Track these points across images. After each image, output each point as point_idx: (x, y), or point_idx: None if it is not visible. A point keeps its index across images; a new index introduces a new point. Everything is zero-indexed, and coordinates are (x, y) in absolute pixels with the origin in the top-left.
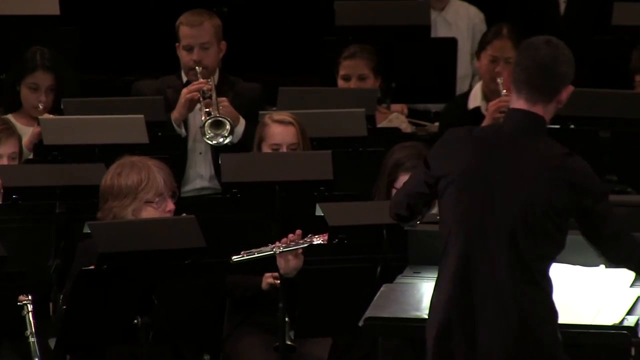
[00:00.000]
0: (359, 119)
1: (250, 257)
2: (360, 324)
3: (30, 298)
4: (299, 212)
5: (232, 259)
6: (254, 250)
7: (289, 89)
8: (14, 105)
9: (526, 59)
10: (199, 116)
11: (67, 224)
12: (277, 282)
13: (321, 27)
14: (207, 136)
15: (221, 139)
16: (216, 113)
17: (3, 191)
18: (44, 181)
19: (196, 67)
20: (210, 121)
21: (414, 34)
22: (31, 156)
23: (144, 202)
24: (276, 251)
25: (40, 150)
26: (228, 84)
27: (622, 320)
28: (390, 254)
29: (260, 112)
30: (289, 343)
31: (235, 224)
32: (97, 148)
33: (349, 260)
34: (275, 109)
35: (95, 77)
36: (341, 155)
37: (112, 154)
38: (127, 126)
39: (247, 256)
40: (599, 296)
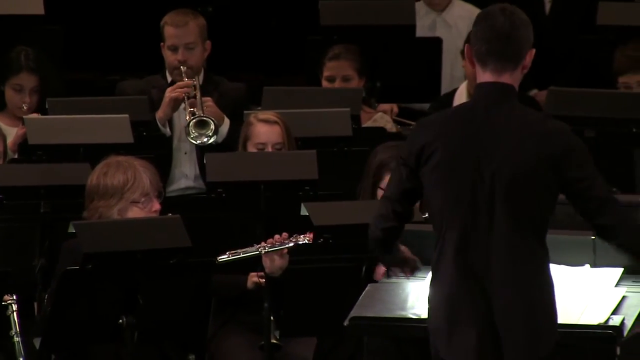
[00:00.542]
0: (343, 118)
1: (235, 257)
2: (346, 323)
3: (14, 298)
4: (284, 211)
5: (217, 259)
6: (240, 251)
7: (273, 89)
8: None
9: (485, 31)
10: (183, 116)
11: (51, 223)
12: (262, 281)
13: (306, 26)
14: (192, 136)
15: (205, 139)
16: (200, 113)
17: None
18: (28, 181)
19: (181, 67)
20: (194, 121)
21: (399, 34)
22: (16, 156)
23: (130, 202)
24: (261, 251)
25: (25, 150)
26: (213, 83)
27: (608, 319)
28: (374, 254)
29: (245, 112)
30: (274, 342)
31: (221, 223)
32: (81, 148)
33: (334, 260)
34: (260, 108)
35: (80, 77)
36: (326, 155)
37: (96, 154)
38: (111, 126)
39: (232, 256)
40: (584, 296)
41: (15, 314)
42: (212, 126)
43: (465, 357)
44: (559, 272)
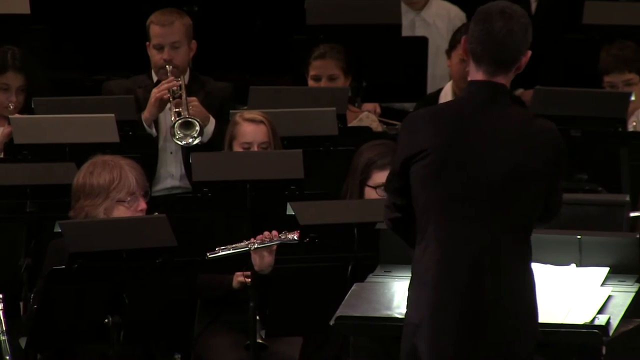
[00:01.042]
0: (329, 118)
1: (225, 253)
2: (332, 322)
3: (0, 297)
4: (269, 211)
5: (207, 255)
6: (229, 247)
7: (259, 88)
8: None
9: (481, 33)
10: (169, 116)
11: (37, 223)
12: (248, 280)
13: (292, 26)
14: (177, 137)
15: (191, 140)
16: (186, 113)
17: None
18: (14, 180)
19: (166, 67)
20: (179, 122)
21: (385, 33)
22: (2, 155)
23: (116, 202)
24: (251, 247)
25: (11, 150)
26: (199, 83)
27: (593, 319)
28: (361, 253)
29: (231, 111)
30: (260, 341)
31: (206, 222)
32: (67, 147)
33: (320, 259)
34: (246, 108)
35: (66, 77)
36: (312, 154)
37: (82, 153)
38: (97, 125)
39: (222, 252)
40: (570, 295)
41: (1, 313)
42: (198, 127)
43: (444, 354)
44: (544, 272)
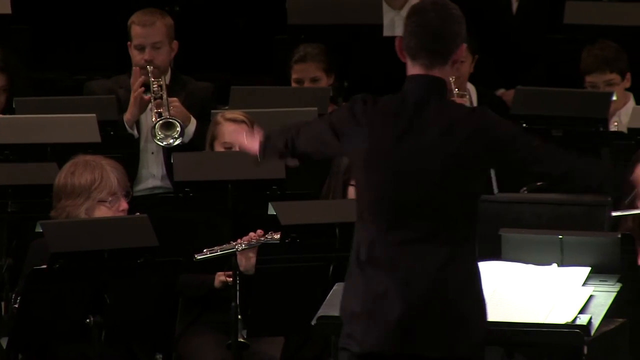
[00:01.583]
0: (311, 117)
1: (213, 254)
2: (313, 322)
3: None
4: (251, 211)
5: (195, 257)
6: (217, 248)
7: (241, 88)
8: None
9: (415, 26)
10: (150, 116)
11: (19, 223)
12: (230, 280)
13: (273, 25)
14: (158, 137)
15: (171, 140)
16: (167, 114)
17: None
18: None
19: (148, 67)
20: (160, 122)
21: (366, 33)
22: None
23: (97, 202)
24: (238, 248)
25: None
26: (180, 83)
27: (575, 319)
28: (343, 253)
29: (213, 111)
30: (241, 341)
31: (188, 222)
32: (49, 147)
33: (301, 259)
34: (227, 107)
35: (47, 76)
36: None
37: (64, 153)
38: (79, 125)
39: (210, 254)
40: (551, 295)
41: None
42: (178, 128)
43: (380, 348)
44: (526, 271)
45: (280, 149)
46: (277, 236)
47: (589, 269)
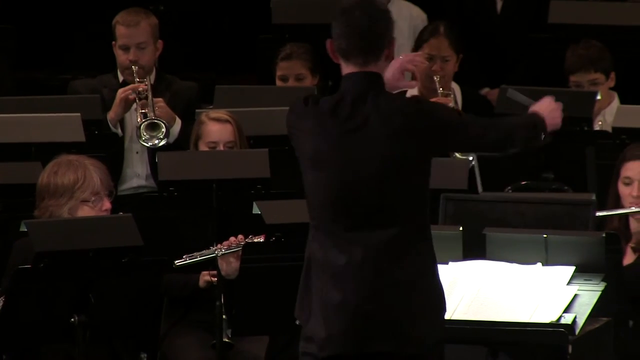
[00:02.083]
0: None
1: (193, 260)
2: (297, 322)
3: None
4: (236, 210)
5: (175, 263)
6: (196, 254)
7: (225, 87)
8: None
9: (343, 26)
10: (135, 116)
11: (3, 222)
12: (214, 280)
13: (258, 25)
14: (143, 138)
15: (157, 141)
16: (152, 115)
17: None
18: None
19: (132, 67)
20: (146, 123)
21: None
22: None
23: (80, 201)
24: (218, 253)
25: None
26: (165, 82)
27: (559, 318)
28: None
29: (197, 111)
30: (226, 340)
31: (173, 222)
32: (33, 147)
33: (286, 259)
34: (212, 107)
35: (32, 76)
36: (278, 154)
37: (48, 153)
38: (63, 125)
39: (189, 260)
40: (536, 294)
41: None
42: (164, 128)
43: (339, 349)
44: (510, 271)
45: None
46: (258, 239)
47: (573, 268)
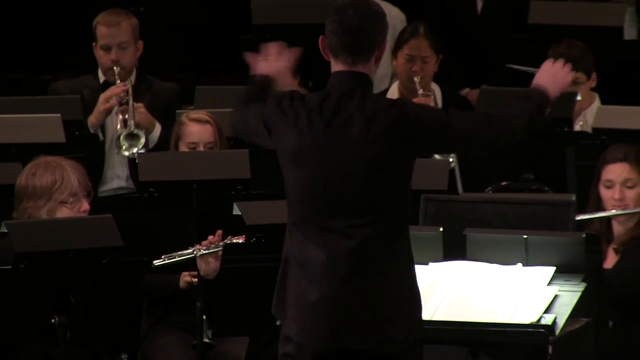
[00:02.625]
0: None
1: (171, 260)
2: (278, 322)
3: None
4: (216, 211)
5: (153, 263)
6: (175, 254)
7: (206, 88)
8: None
9: (336, 25)
10: (116, 119)
11: None
12: (195, 280)
13: (238, 25)
14: (123, 148)
15: (135, 150)
16: (132, 122)
17: None
18: None
19: (114, 68)
20: (125, 134)
21: None
22: None
23: (58, 203)
24: (197, 254)
25: None
26: (145, 83)
27: (540, 318)
28: None
29: (177, 111)
30: (206, 341)
31: (153, 222)
32: (13, 147)
33: (266, 259)
34: (192, 108)
35: (12, 76)
36: (258, 154)
37: (28, 153)
38: (43, 125)
39: (168, 260)
40: (516, 295)
41: None
42: (142, 139)
43: (317, 348)
44: (491, 271)
45: (254, 97)
46: (237, 240)
47: (553, 268)
